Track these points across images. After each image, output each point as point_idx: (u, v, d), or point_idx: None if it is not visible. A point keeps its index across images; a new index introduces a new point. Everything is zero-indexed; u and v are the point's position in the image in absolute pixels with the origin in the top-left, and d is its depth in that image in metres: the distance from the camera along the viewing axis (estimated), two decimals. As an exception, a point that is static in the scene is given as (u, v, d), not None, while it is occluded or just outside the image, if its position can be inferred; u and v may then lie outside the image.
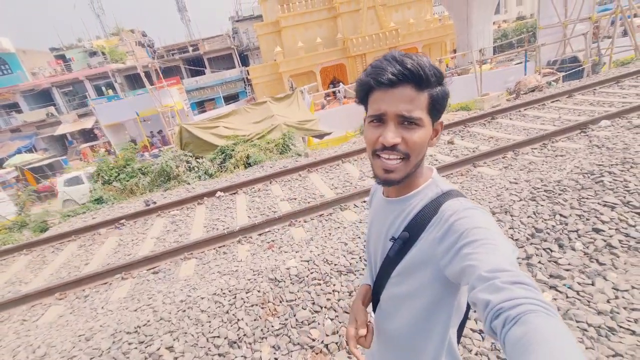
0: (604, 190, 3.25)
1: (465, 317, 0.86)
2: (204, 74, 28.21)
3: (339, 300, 2.65)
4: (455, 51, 22.87)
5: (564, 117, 6.00)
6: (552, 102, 7.06)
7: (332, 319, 2.51)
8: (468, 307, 0.85)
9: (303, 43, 21.38)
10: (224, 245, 3.97)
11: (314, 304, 2.66)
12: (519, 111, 6.89)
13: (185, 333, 2.59)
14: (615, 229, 2.77)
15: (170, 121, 17.70)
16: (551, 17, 12.83)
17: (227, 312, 2.70)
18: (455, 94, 7.95)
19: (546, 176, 3.76)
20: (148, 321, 2.74)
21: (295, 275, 2.93)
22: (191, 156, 7.45)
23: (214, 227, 4.56)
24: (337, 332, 2.39)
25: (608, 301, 2.17)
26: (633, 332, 1.91)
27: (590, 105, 6.42)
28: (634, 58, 11.03)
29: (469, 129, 6.41)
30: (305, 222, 4.11)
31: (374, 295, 0.93)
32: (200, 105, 26.96)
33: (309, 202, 4.64)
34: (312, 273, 2.93)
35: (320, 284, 2.81)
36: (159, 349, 2.48)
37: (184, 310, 2.80)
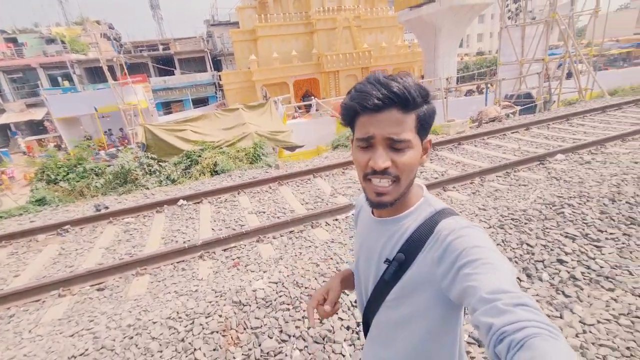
0: (565, 222, 3.40)
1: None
2: (174, 74, 27.15)
3: (309, 328, 2.46)
4: (423, 77, 24.06)
5: (523, 148, 6.38)
6: (512, 132, 7.52)
7: (300, 350, 2.31)
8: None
9: (278, 54, 21.40)
10: (183, 261, 3.63)
11: (281, 332, 2.44)
12: (483, 139, 7.25)
13: (131, 365, 2.25)
14: (577, 261, 2.87)
15: (133, 120, 16.68)
16: (510, 55, 13.94)
17: (183, 340, 2.40)
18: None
19: (512, 204, 3.89)
20: (86, 350, 2.36)
21: (262, 299, 2.70)
22: (153, 159, 6.94)
23: (173, 239, 4.18)
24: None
25: (577, 335, 2.19)
26: (603, 369, 1.93)
27: (545, 138, 6.91)
28: (579, 99, 12.24)
29: (438, 152, 6.60)
30: (274, 238, 3.89)
31: (365, 321, 0.90)
32: (167, 106, 25.80)
33: (278, 217, 4.43)
34: (280, 296, 2.73)
35: (289, 309, 2.61)
36: (96, 384, 2.13)
37: (132, 337, 2.45)
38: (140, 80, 20.28)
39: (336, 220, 4.17)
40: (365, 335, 0.92)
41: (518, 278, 2.78)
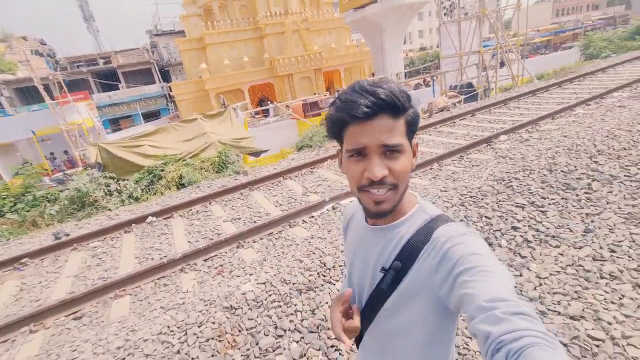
0: (514, 194, 3.84)
1: None
2: (118, 89, 25.61)
3: (302, 320, 2.58)
4: (373, 74, 24.97)
5: (472, 133, 6.98)
6: (460, 120, 8.16)
7: (297, 342, 2.42)
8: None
9: (229, 61, 21.07)
10: (164, 277, 3.55)
11: (276, 328, 2.53)
12: (435, 128, 7.80)
13: (128, 384, 2.22)
14: (528, 226, 3.28)
15: (78, 141, 15.51)
16: (450, 48, 15.01)
17: (179, 352, 2.40)
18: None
19: (469, 184, 4.29)
20: (76, 378, 2.29)
21: (253, 300, 2.77)
22: (112, 178, 6.59)
23: (148, 257, 4.06)
24: (305, 354, 2.32)
25: (535, 288, 2.54)
26: (559, 313, 2.26)
27: (489, 122, 7.60)
28: (513, 85, 13.51)
29: (398, 145, 6.99)
30: (254, 242, 3.94)
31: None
32: (115, 123, 24.28)
33: (255, 222, 4.48)
34: (270, 295, 2.81)
35: (280, 306, 2.71)
36: (94, 410, 2.08)
37: (124, 359, 2.40)
38: (81, 98, 18.88)
39: (312, 217, 4.31)
40: (358, 345, 0.90)
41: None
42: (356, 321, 0.78)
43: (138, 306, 3.16)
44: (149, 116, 25.31)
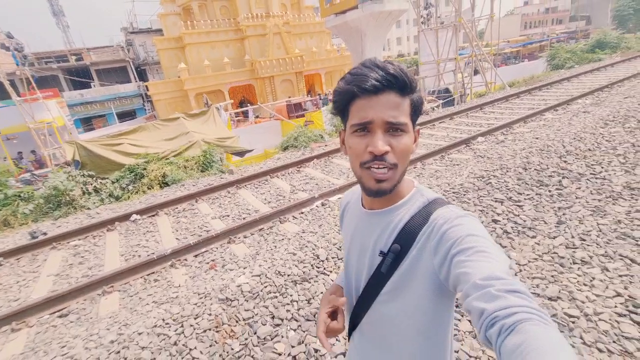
0: (493, 190, 4.08)
1: None
2: (91, 86, 24.61)
3: (298, 309, 2.64)
4: (354, 79, 25.38)
5: (451, 135, 7.30)
6: (440, 122, 8.51)
7: (295, 330, 2.48)
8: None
9: (209, 61, 20.79)
10: (153, 272, 3.50)
11: (273, 317, 2.58)
12: (418, 130, 8.08)
13: (125, 377, 2.20)
14: (507, 219, 3.50)
15: (48, 140, 14.77)
16: (428, 55, 15.57)
17: (176, 344, 2.40)
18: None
19: (451, 181, 4.51)
20: (69, 372, 2.24)
21: (249, 292, 2.80)
22: (90, 176, 6.36)
23: (134, 255, 3.98)
24: (303, 341, 2.38)
25: (516, 274, 2.73)
26: (538, 295, 2.45)
27: (467, 125, 7.97)
28: (487, 91, 14.19)
29: (381, 145, 7.20)
30: (245, 237, 3.96)
31: (353, 320, 0.87)
32: (87, 122, 23.30)
33: (244, 218, 4.49)
34: (265, 287, 2.86)
35: (277, 297, 2.76)
36: (91, 401, 2.05)
37: (118, 352, 2.37)
38: (51, 95, 17.98)
39: (302, 213, 4.38)
40: (350, 335, 0.90)
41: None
42: (340, 322, 0.81)
43: (129, 302, 3.10)
44: (124, 116, 24.45)
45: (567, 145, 5.03)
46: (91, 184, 6.15)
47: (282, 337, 2.42)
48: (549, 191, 3.89)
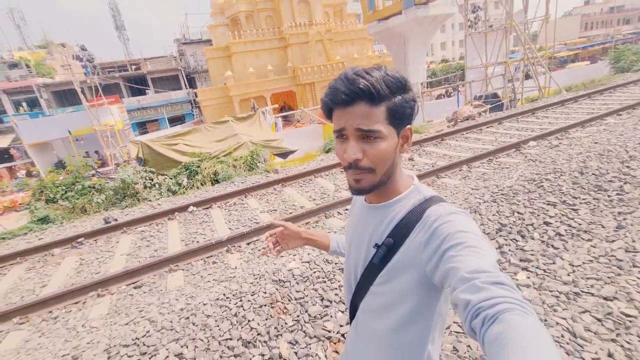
0: (545, 193, 3.96)
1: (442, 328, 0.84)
2: (146, 94, 26.85)
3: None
4: (395, 84, 25.17)
5: (499, 139, 7.08)
6: (487, 127, 8.27)
7: (342, 312, 2.64)
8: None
9: (254, 69, 21.80)
10: (212, 256, 3.86)
11: (322, 299, 2.76)
12: (462, 134, 7.93)
13: (194, 339, 2.49)
14: (560, 222, 3.40)
15: (110, 141, 16.38)
16: (475, 59, 15.12)
17: (236, 315, 2.66)
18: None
19: (499, 183, 4.43)
20: (147, 332, 2.58)
21: (299, 275, 3.02)
22: (152, 172, 7.05)
23: (193, 240, 4.39)
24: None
25: (568, 274, 2.67)
26: (592, 294, 2.40)
27: (517, 130, 7.67)
28: (540, 96, 13.45)
29: (424, 149, 7.18)
30: (293, 229, 4.20)
31: (352, 310, 0.92)
32: (142, 126, 25.40)
33: (291, 213, 4.75)
34: (314, 272, 3.05)
35: (325, 282, 2.94)
36: (167, 357, 2.35)
37: (187, 318, 2.69)
38: (113, 102, 19.97)
39: (346, 209, 4.55)
40: (351, 320, 0.94)
41: (514, 239, 3.26)
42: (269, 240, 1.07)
43: (192, 279, 3.46)
44: (175, 120, 26.34)
45: (631, 151, 4.72)
46: (152, 179, 6.79)
47: (331, 317, 2.59)
48: (608, 196, 3.70)
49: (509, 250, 3.12)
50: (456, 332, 2.28)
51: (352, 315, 0.92)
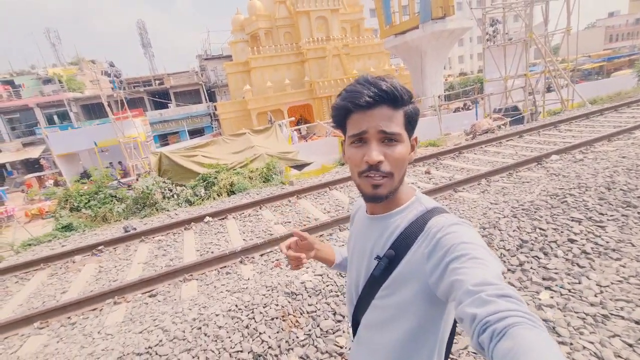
0: (569, 208, 3.79)
1: (452, 337, 0.82)
2: (168, 107, 27.87)
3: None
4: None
5: (520, 153, 6.89)
6: (507, 140, 8.07)
7: (355, 327, 2.57)
8: (454, 328, 0.82)
9: (272, 83, 22.31)
10: (225, 266, 3.88)
11: (335, 314, 2.71)
12: (481, 147, 7.77)
13: (205, 350, 2.48)
14: (586, 239, 3.24)
15: (133, 152, 17.01)
16: (494, 72, 14.93)
17: (247, 327, 2.64)
18: (421, 133, 8.81)
19: (520, 198, 4.28)
20: (160, 341, 2.59)
21: (312, 289, 2.98)
22: (170, 183, 7.24)
23: (208, 250, 4.43)
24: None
25: (596, 295, 2.52)
26: (622, 317, 2.25)
27: (538, 143, 7.45)
28: (562, 109, 13.08)
29: (442, 162, 7.06)
30: (306, 242, 4.18)
31: (354, 322, 0.90)
32: (163, 138, 26.30)
33: (305, 225, 4.74)
34: (327, 286, 3.01)
35: (338, 295, 2.89)
36: (178, 367, 2.35)
37: (199, 328, 2.68)
38: (138, 115, 20.81)
39: (360, 223, 4.50)
40: (354, 336, 0.92)
41: (536, 256, 3.12)
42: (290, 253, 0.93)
43: (205, 289, 3.48)
44: (194, 133, 27.14)
45: (662, 165, 4.49)
46: (170, 190, 6.97)
47: (344, 332, 2.54)
48: (638, 213, 3.51)
49: (531, 267, 2.99)
50: (474, 353, 2.17)
51: (355, 329, 0.90)
